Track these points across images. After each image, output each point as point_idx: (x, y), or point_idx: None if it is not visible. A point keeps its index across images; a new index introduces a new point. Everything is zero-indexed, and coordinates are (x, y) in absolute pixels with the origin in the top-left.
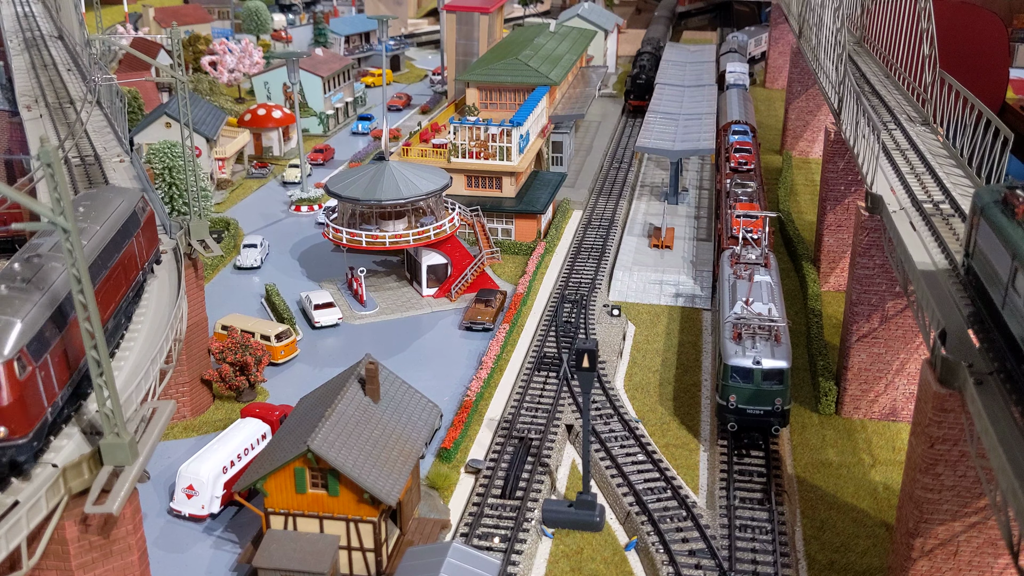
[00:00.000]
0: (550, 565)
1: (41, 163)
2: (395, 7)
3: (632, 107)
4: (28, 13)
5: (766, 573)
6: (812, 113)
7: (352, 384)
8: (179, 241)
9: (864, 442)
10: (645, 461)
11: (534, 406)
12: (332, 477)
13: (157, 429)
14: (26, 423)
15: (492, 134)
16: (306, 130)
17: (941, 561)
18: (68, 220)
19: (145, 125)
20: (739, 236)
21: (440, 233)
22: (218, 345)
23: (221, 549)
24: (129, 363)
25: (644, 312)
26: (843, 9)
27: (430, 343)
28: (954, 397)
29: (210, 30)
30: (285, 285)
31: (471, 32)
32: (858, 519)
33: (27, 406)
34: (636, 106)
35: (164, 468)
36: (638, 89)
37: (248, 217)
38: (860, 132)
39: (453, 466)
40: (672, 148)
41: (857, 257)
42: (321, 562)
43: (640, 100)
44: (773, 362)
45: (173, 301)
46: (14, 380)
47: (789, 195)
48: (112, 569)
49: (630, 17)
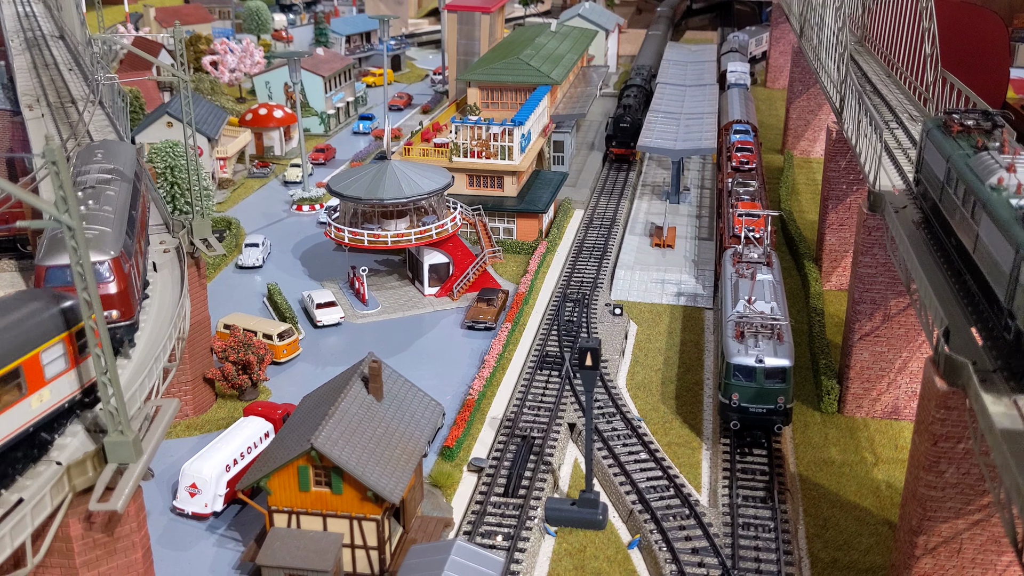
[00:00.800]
0: (553, 563)
1: (46, 161)
2: (396, 7)
3: (615, 155)
4: (29, 13)
5: (769, 571)
6: (813, 112)
7: (355, 382)
8: (182, 240)
9: (866, 440)
10: (648, 459)
11: (536, 405)
12: (336, 475)
13: (161, 427)
14: (131, 308)
15: (493, 133)
16: (307, 130)
17: (944, 559)
18: (73, 218)
19: (147, 125)
20: (741, 235)
21: (442, 232)
22: (221, 344)
23: (224, 547)
24: (133, 361)
25: (646, 311)
26: (844, 8)
27: (432, 342)
28: (957, 395)
29: (211, 30)
30: (287, 284)
31: (472, 32)
32: (861, 517)
33: (129, 294)
34: (620, 155)
35: (167, 467)
36: (622, 134)
37: (250, 216)
38: (862, 131)
39: (456, 464)
40: (673, 147)
41: (859, 256)
42: (325, 560)
43: (624, 148)
44: (775, 360)
45: (176, 300)
46: (121, 272)
47: (790, 194)
48: (116, 567)
49: (630, 17)
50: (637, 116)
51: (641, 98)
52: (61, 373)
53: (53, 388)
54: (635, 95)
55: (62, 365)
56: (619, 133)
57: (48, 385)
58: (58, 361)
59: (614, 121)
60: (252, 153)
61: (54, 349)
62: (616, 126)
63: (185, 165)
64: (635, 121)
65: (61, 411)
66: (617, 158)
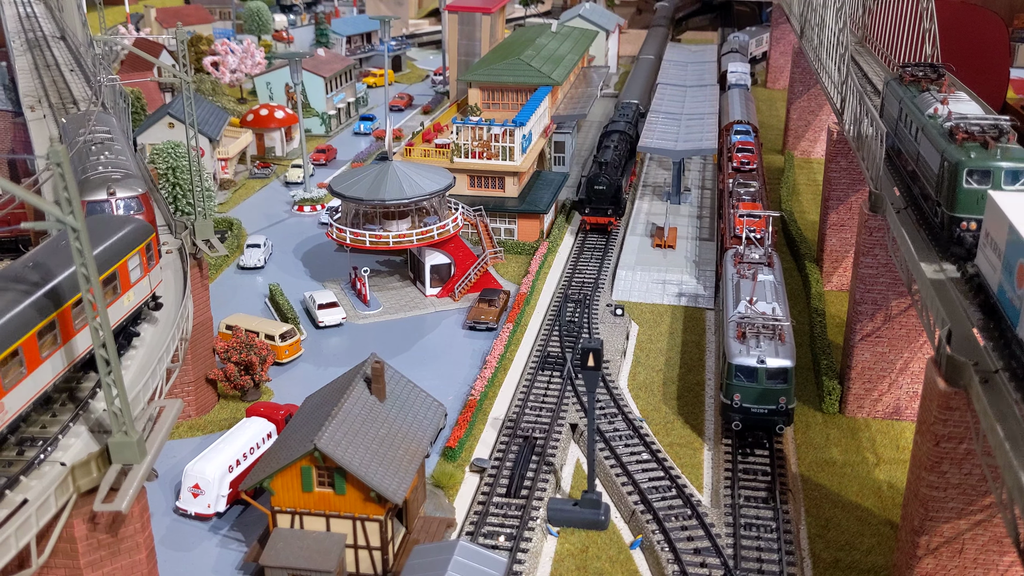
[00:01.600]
0: (555, 564)
1: (51, 162)
2: (396, 7)
3: (589, 226)
4: (30, 14)
5: (771, 571)
6: (814, 113)
7: (358, 383)
8: (184, 241)
9: (868, 441)
10: (650, 460)
11: (538, 405)
12: (339, 475)
13: (165, 427)
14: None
15: (495, 134)
16: (308, 130)
17: (946, 559)
18: (77, 219)
19: (148, 125)
20: (742, 236)
21: (443, 233)
22: (223, 345)
23: (227, 548)
24: (136, 362)
25: (647, 311)
26: (845, 9)
27: (434, 343)
28: (959, 395)
29: (211, 31)
30: (289, 285)
31: (473, 32)
32: (863, 517)
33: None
34: (596, 225)
35: (169, 467)
36: (597, 198)
37: (251, 217)
38: (863, 131)
39: (458, 465)
40: (674, 148)
41: (861, 256)
42: (328, 560)
43: (601, 215)
44: (777, 361)
45: (179, 300)
46: (149, 206)
47: (791, 195)
48: (120, 567)
49: (631, 17)
50: (617, 176)
51: (624, 149)
52: (138, 280)
53: (135, 290)
54: (616, 145)
55: (139, 273)
56: (594, 197)
57: (132, 288)
58: (136, 269)
59: (587, 182)
60: (253, 154)
61: (135, 259)
62: (590, 188)
63: (187, 166)
64: (614, 182)
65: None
66: (592, 229)
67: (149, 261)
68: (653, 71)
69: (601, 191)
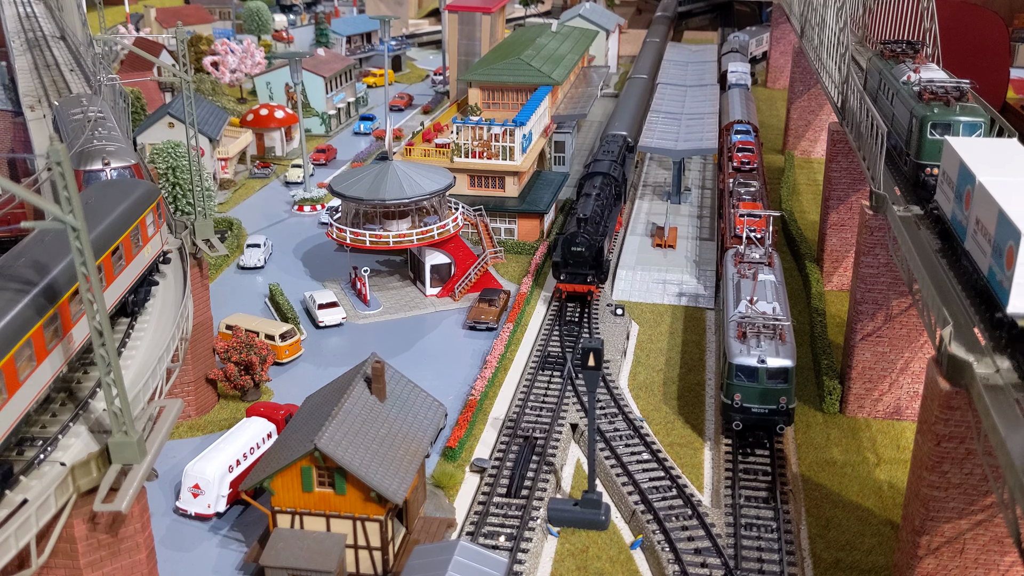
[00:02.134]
0: (556, 564)
1: (51, 161)
2: (396, 7)
3: (565, 295)
4: (30, 14)
5: (772, 571)
6: (814, 113)
7: (358, 383)
8: (184, 240)
9: (868, 441)
10: (650, 460)
11: (539, 405)
12: (339, 475)
13: (165, 427)
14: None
15: (495, 134)
16: (308, 130)
17: (947, 559)
18: (77, 218)
19: (148, 125)
20: (743, 235)
21: (443, 233)
22: (223, 344)
23: (227, 548)
24: (136, 361)
25: (648, 311)
26: (845, 9)
27: (434, 342)
28: (960, 395)
29: (211, 31)
30: (289, 285)
31: (473, 32)
32: (863, 517)
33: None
34: (572, 294)
35: (170, 467)
36: (575, 261)
37: (251, 217)
38: (863, 131)
39: (458, 465)
40: (674, 148)
41: (861, 256)
42: (328, 560)
43: (579, 282)
44: (778, 361)
45: (179, 300)
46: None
47: (792, 194)
48: (120, 567)
49: (631, 17)
50: (598, 235)
51: (608, 196)
52: (152, 235)
53: (151, 244)
54: (599, 192)
55: (152, 229)
56: (571, 260)
57: (149, 242)
58: (151, 226)
59: (564, 242)
60: (253, 154)
61: (149, 215)
62: (566, 249)
63: (187, 166)
64: (595, 243)
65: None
66: (568, 298)
67: (159, 219)
68: (647, 94)
69: (579, 253)
